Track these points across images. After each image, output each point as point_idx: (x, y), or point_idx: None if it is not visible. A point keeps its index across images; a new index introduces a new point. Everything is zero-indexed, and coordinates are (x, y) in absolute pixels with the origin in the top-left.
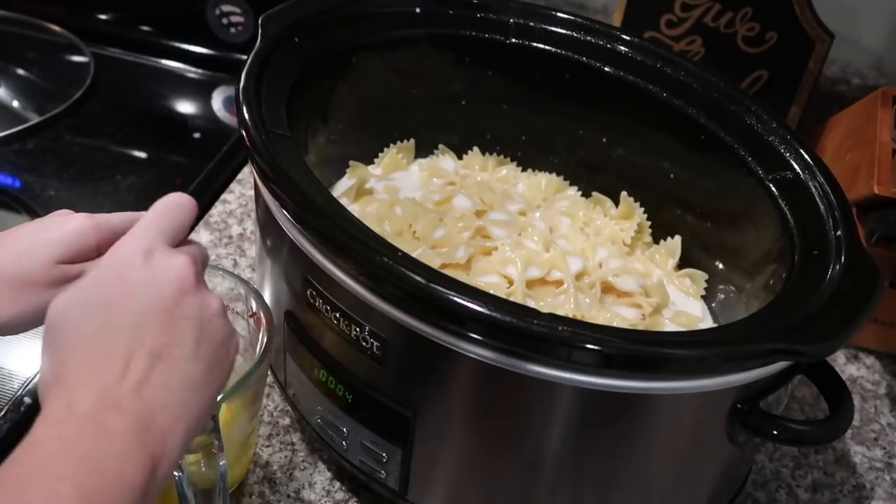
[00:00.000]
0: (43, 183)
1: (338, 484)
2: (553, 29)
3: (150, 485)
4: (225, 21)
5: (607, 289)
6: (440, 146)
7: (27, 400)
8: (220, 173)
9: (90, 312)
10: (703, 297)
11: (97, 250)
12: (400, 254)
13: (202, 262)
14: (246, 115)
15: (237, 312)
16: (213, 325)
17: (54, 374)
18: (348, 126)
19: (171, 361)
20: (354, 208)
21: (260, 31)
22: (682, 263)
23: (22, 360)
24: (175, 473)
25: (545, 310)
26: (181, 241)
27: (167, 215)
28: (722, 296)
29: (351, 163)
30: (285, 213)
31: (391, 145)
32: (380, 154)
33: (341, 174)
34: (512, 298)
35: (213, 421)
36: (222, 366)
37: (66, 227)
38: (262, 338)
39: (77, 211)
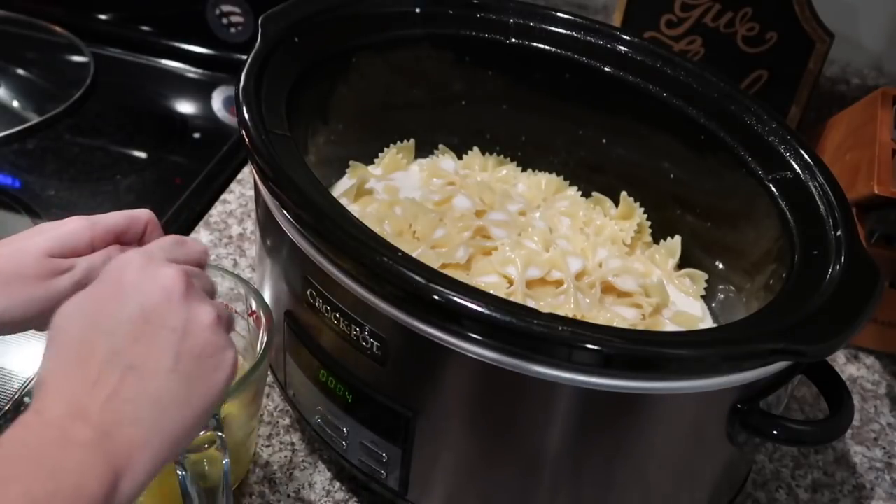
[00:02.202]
0: (43, 183)
1: (338, 484)
2: (553, 29)
3: (112, 498)
4: (225, 21)
5: (607, 289)
6: (440, 146)
7: (27, 400)
8: (220, 173)
9: (80, 314)
10: (703, 297)
11: (90, 247)
12: (400, 254)
13: (198, 263)
14: (246, 115)
15: (237, 312)
16: (200, 338)
17: (40, 378)
18: (348, 126)
19: (146, 374)
20: (354, 208)
21: (260, 31)
22: (682, 263)
23: (22, 360)
24: (179, 472)
25: (545, 310)
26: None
27: (180, 246)
28: (722, 296)
29: (351, 163)
30: (285, 213)
31: (391, 145)
32: (380, 154)
33: (341, 174)
34: (512, 298)
35: (216, 420)
36: (209, 382)
37: (61, 227)
38: (262, 337)
39: (77, 211)
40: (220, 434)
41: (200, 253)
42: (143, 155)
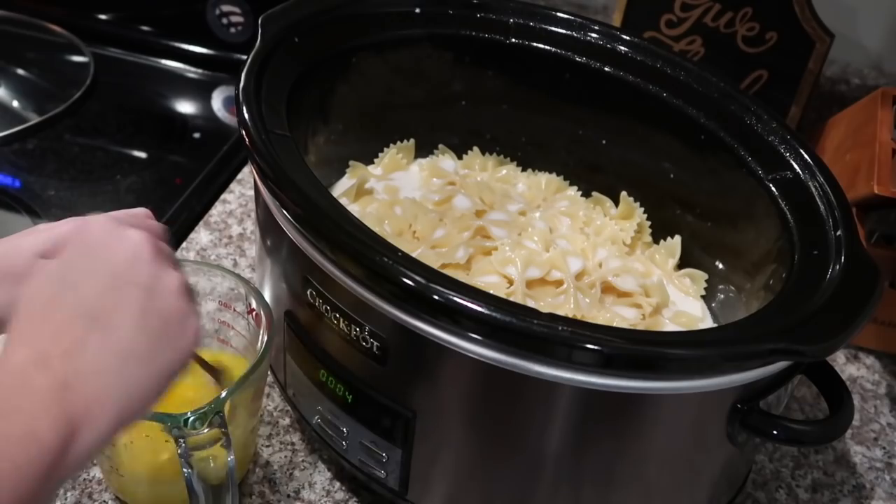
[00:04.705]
0: (43, 183)
1: (338, 484)
2: (553, 29)
3: (68, 449)
4: (225, 21)
5: (607, 289)
6: (440, 146)
7: None
8: (220, 173)
9: (47, 274)
10: (703, 297)
11: None
12: (400, 254)
13: (162, 239)
14: (246, 115)
15: (237, 312)
16: (167, 300)
17: (8, 335)
18: (348, 126)
19: (111, 327)
20: (354, 208)
21: (260, 31)
22: (682, 263)
23: None
24: (184, 470)
25: (545, 310)
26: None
27: (144, 219)
28: (722, 296)
29: (351, 163)
30: (285, 213)
31: (391, 145)
32: (380, 154)
33: (341, 174)
34: (512, 298)
35: (221, 417)
36: (176, 342)
37: (55, 228)
38: (263, 337)
39: (77, 211)
40: (224, 431)
41: (163, 229)
42: (143, 155)
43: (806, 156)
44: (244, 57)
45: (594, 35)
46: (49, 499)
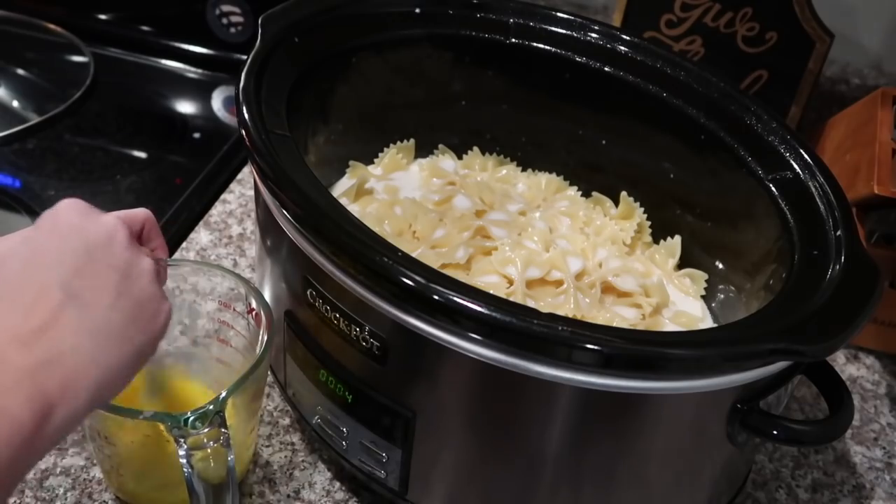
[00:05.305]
0: (43, 183)
1: (338, 484)
2: (553, 29)
3: (42, 428)
4: (225, 21)
5: (607, 289)
6: (440, 146)
7: None
8: (220, 173)
9: (17, 254)
10: (703, 297)
11: None
12: (400, 254)
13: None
14: (246, 115)
15: (237, 312)
16: (140, 283)
17: None
18: (348, 126)
19: (87, 305)
20: (354, 208)
21: (260, 31)
22: (682, 263)
23: None
24: (184, 470)
25: (545, 310)
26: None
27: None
28: (722, 296)
29: (351, 163)
30: (285, 213)
31: (391, 145)
32: (380, 154)
33: (341, 174)
34: (512, 298)
35: (221, 416)
36: (149, 325)
37: None
38: (263, 336)
39: None
40: (224, 430)
41: (141, 221)
42: (143, 155)
43: (806, 156)
44: (244, 57)
45: (594, 35)
46: (23, 473)
